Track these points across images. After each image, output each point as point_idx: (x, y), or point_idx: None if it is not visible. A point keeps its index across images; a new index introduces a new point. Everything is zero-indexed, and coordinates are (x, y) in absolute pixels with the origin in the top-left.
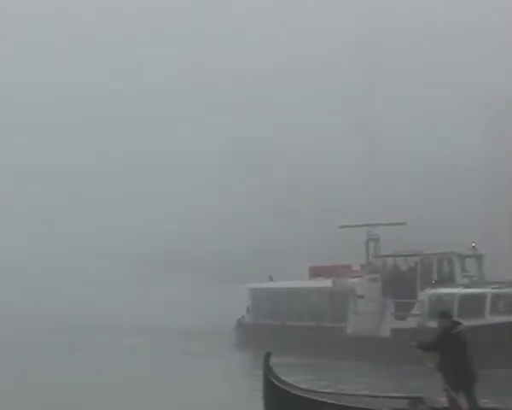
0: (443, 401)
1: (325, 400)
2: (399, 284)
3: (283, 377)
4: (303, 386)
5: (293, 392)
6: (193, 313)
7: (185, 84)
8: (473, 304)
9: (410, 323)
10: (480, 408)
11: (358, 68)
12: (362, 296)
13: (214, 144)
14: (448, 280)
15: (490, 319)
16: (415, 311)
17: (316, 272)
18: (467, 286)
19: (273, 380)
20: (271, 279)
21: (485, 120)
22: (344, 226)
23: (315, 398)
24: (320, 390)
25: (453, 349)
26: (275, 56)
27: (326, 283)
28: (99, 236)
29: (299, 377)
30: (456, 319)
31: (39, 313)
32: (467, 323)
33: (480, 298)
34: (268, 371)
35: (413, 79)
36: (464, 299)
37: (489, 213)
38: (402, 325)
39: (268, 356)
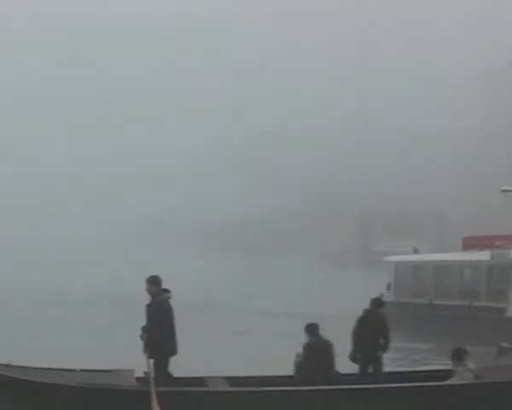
0: None
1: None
2: None
3: None
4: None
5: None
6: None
7: None
8: None
9: None
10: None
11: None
12: None
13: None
14: None
15: None
16: None
17: (470, 243)
18: None
19: None
20: (416, 251)
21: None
22: (506, 190)
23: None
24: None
25: (156, 319)
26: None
27: (483, 255)
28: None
29: None
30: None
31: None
32: None
33: None
34: None
35: (413, 45)
36: None
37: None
38: None
39: None
